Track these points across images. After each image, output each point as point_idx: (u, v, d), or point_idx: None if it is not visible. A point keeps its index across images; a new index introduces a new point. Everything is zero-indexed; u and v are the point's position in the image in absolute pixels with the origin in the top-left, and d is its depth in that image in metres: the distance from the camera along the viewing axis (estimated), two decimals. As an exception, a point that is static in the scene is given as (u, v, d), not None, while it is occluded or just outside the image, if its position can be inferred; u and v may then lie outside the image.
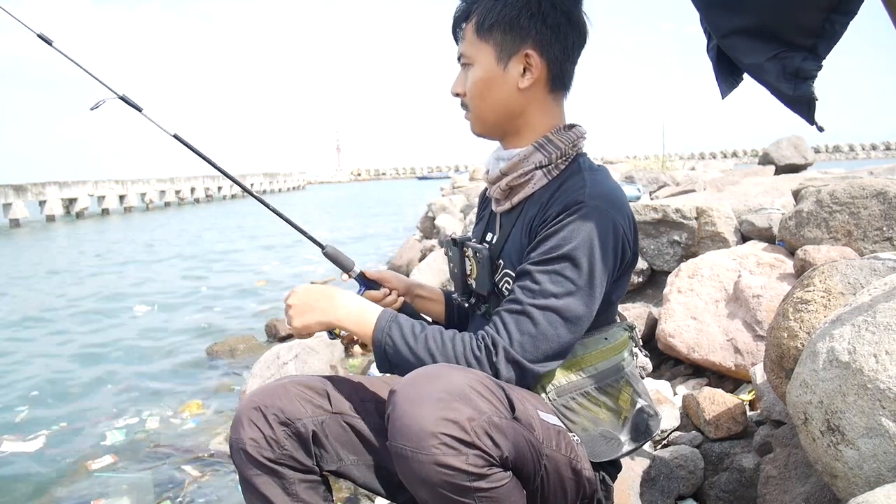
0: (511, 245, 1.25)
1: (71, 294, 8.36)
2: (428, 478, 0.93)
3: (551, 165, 1.23)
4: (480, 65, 1.23)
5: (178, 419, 3.76)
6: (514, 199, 1.26)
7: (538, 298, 1.10)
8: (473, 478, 0.94)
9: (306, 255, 10.88)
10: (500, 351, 1.09)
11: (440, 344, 1.11)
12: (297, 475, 1.20)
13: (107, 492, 2.92)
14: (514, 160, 1.24)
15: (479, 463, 0.94)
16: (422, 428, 0.93)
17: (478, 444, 0.94)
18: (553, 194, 1.19)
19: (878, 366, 1.02)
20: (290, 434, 1.20)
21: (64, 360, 5.27)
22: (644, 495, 1.53)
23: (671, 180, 6.54)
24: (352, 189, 56.38)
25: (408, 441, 0.93)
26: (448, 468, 0.92)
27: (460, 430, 0.93)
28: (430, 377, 0.99)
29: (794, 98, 1.00)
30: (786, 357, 1.47)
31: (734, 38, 1.03)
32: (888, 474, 0.98)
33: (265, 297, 7.60)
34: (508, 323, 1.11)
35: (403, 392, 0.97)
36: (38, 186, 24.85)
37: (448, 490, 0.93)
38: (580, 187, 1.16)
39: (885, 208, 2.26)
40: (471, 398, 0.96)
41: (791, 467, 1.52)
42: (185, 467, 3.09)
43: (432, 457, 0.92)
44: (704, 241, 3.12)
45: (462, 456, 0.93)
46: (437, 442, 0.92)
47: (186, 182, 35.78)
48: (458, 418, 0.94)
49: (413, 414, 0.94)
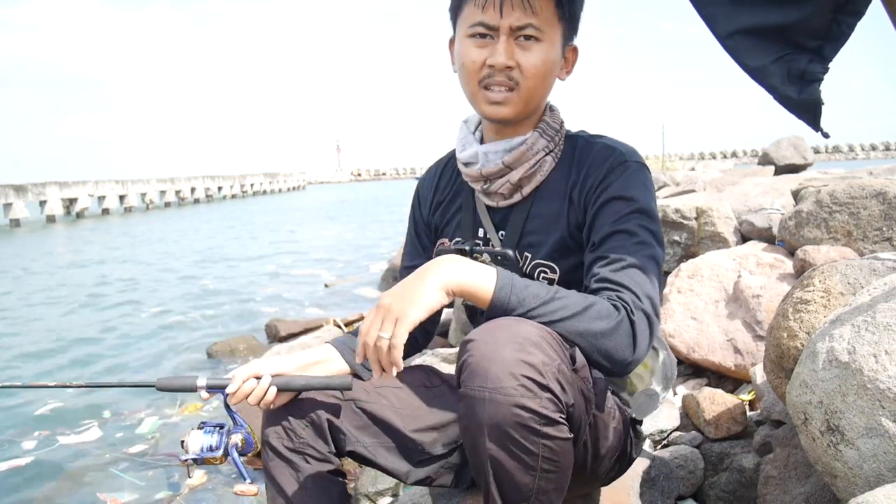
0: (534, 237, 1.22)
1: (71, 294, 8.36)
2: (503, 419, 0.93)
3: (555, 147, 1.23)
4: (552, 44, 1.16)
5: (176, 419, 3.76)
6: (525, 191, 1.22)
7: (639, 251, 1.10)
8: (545, 422, 0.94)
9: (314, 256, 10.89)
10: (631, 306, 1.05)
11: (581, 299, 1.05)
12: (311, 466, 1.23)
13: (108, 488, 2.93)
14: (519, 150, 1.20)
15: (551, 407, 0.95)
16: (502, 369, 0.93)
17: (551, 387, 0.95)
18: (580, 169, 1.18)
19: (877, 366, 1.02)
20: (307, 424, 1.23)
21: (63, 360, 5.27)
22: (644, 495, 1.53)
23: (671, 180, 6.53)
24: (352, 189, 56.35)
25: (486, 382, 0.93)
26: (525, 409, 0.92)
27: (536, 373, 0.94)
28: (503, 326, 0.99)
29: (800, 102, 0.98)
30: (786, 357, 1.47)
31: (737, 38, 1.01)
32: (888, 474, 0.98)
33: (269, 297, 7.60)
34: (622, 279, 1.07)
35: (481, 338, 0.97)
36: (38, 186, 24.84)
37: (519, 433, 0.94)
38: (611, 149, 1.18)
39: (885, 208, 2.26)
40: (542, 346, 0.97)
41: (791, 467, 1.52)
42: (182, 468, 3.10)
43: (511, 398, 0.92)
44: (704, 242, 3.12)
45: (537, 399, 0.93)
46: (515, 383, 0.92)
47: (186, 182, 35.75)
48: (534, 361, 0.94)
49: (492, 357, 0.94)
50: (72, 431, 3.66)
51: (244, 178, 43.71)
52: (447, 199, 1.37)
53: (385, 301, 1.02)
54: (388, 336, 1.00)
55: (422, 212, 1.42)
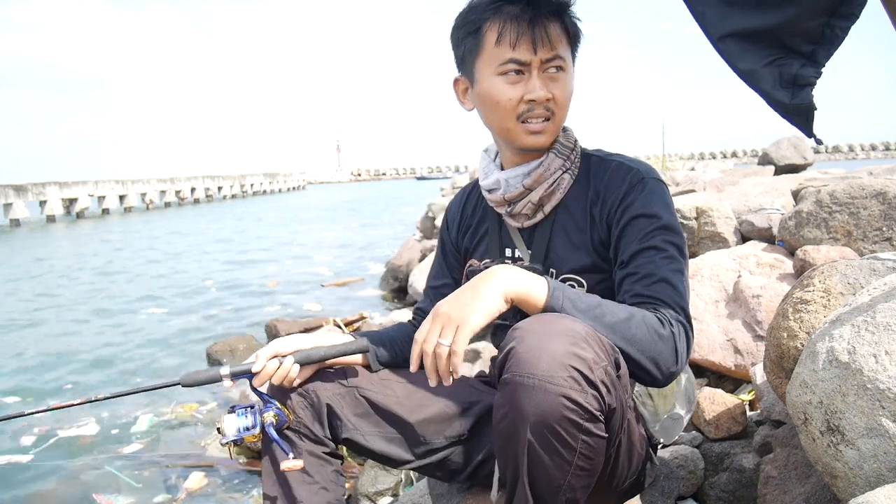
0: (560, 252, 1.25)
1: (71, 293, 8.36)
2: (549, 410, 0.92)
3: (571, 165, 1.27)
4: (570, 72, 1.23)
5: (175, 419, 3.77)
6: (547, 209, 1.27)
7: (668, 265, 1.13)
8: (588, 417, 0.94)
9: (319, 256, 10.89)
10: (671, 319, 1.08)
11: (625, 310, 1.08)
12: (307, 444, 1.26)
13: (104, 489, 2.93)
14: (538, 172, 1.24)
15: (595, 405, 0.95)
16: (554, 358, 0.92)
17: (598, 385, 0.95)
18: (598, 188, 1.22)
19: (877, 366, 1.02)
20: (307, 405, 1.25)
21: (62, 359, 5.27)
22: (644, 495, 1.53)
23: (671, 180, 6.53)
24: (352, 189, 56.34)
25: (535, 370, 0.92)
26: (571, 402, 0.92)
27: (587, 368, 0.94)
28: (554, 319, 0.99)
29: (792, 107, 0.96)
30: (786, 357, 1.47)
31: (729, 41, 1.00)
32: (888, 474, 0.98)
33: (269, 297, 7.60)
34: (657, 294, 1.11)
35: (530, 327, 0.97)
36: (38, 186, 24.86)
37: (562, 426, 0.93)
38: (627, 168, 1.22)
39: (885, 208, 2.26)
40: (592, 344, 0.97)
41: (791, 467, 1.52)
42: (181, 468, 3.10)
43: (560, 388, 0.92)
44: (704, 242, 3.12)
45: (584, 393, 0.93)
46: (566, 374, 0.92)
47: (186, 182, 35.77)
48: (585, 356, 0.94)
49: (543, 346, 0.94)
50: (71, 427, 3.67)
51: (244, 178, 43.73)
52: (474, 224, 1.42)
53: (442, 309, 1.03)
54: (447, 343, 1.00)
55: (450, 233, 1.47)
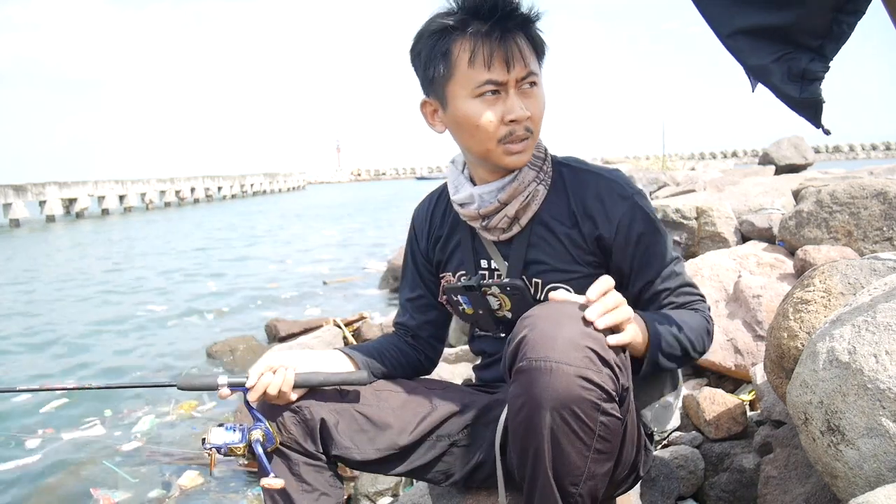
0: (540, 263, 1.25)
1: (72, 293, 8.36)
2: (567, 391, 0.92)
3: (545, 176, 1.26)
4: (541, 86, 1.22)
5: (174, 418, 3.77)
6: (523, 221, 1.25)
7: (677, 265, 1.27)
8: (605, 397, 0.95)
9: (314, 256, 10.89)
10: (705, 311, 1.27)
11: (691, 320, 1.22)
12: (301, 458, 1.25)
13: (102, 484, 2.94)
14: (512, 186, 1.22)
15: (610, 385, 0.95)
16: (569, 340, 0.93)
17: (612, 364, 0.95)
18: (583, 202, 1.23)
19: (878, 366, 1.02)
20: (298, 420, 1.24)
21: (62, 358, 5.27)
22: (644, 495, 1.53)
23: (671, 180, 6.54)
24: (352, 189, 56.34)
25: (552, 353, 0.92)
26: (589, 382, 0.93)
27: (600, 348, 0.94)
28: (562, 305, 1.00)
29: (801, 101, 0.98)
30: (786, 357, 1.47)
31: (739, 37, 1.01)
32: (888, 474, 0.98)
33: (269, 297, 7.61)
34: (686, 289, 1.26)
35: (541, 314, 0.98)
36: (38, 186, 24.86)
37: (581, 407, 0.93)
38: (608, 181, 1.24)
39: (885, 208, 2.26)
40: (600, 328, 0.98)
41: (791, 467, 1.52)
42: (178, 464, 3.10)
43: (577, 368, 0.92)
44: (704, 241, 3.12)
45: (599, 373, 0.94)
46: (581, 354, 0.93)
47: (186, 182, 35.77)
48: (597, 336, 0.95)
49: (556, 330, 0.94)
50: (76, 428, 3.68)
51: (244, 178, 43.74)
52: (444, 235, 1.39)
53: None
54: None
55: (419, 244, 1.44)
